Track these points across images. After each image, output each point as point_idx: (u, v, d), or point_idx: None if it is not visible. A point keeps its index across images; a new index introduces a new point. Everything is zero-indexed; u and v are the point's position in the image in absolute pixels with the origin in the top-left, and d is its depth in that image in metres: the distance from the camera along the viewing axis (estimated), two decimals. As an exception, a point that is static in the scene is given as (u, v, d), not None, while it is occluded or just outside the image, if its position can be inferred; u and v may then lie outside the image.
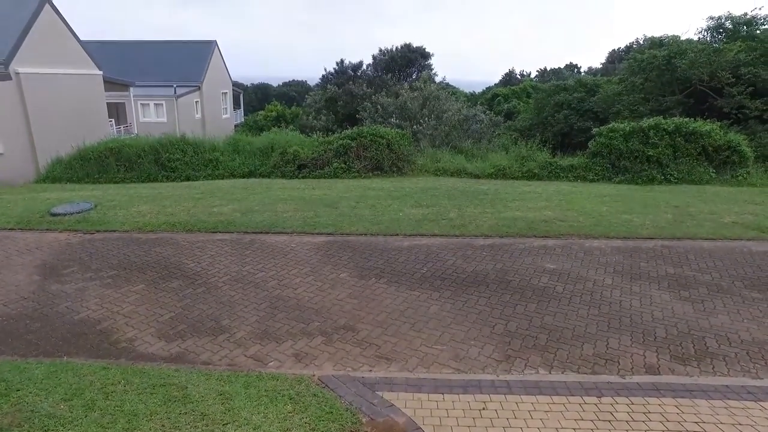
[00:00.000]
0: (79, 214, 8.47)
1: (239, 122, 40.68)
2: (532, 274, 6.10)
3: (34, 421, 3.29)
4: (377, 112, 23.44)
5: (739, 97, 17.65)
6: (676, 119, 12.90)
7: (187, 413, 3.41)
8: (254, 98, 61.98)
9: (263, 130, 26.74)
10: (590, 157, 12.96)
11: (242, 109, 44.79)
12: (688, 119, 12.92)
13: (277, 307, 5.23)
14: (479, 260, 6.52)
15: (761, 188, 11.32)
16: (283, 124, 34.07)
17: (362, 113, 24.69)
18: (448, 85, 37.57)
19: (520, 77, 61.89)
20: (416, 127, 18.92)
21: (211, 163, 14.19)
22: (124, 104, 25.63)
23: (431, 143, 16.93)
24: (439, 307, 5.23)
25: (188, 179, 13.60)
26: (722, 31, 21.65)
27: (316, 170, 13.29)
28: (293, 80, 73.04)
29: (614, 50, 55.00)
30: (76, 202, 9.30)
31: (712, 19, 21.77)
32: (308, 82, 64.13)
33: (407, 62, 37.01)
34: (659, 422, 3.46)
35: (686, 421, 3.48)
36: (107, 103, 20.81)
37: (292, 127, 28.19)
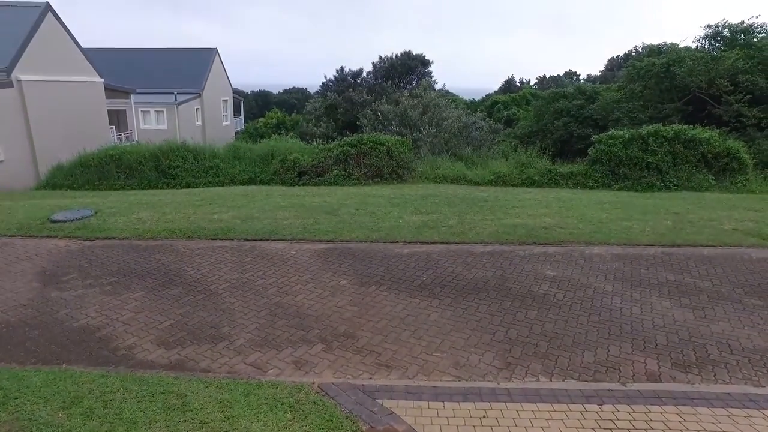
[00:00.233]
0: (79, 221, 8.47)
1: (240, 129, 40.82)
2: (532, 281, 6.09)
3: (31, 429, 3.28)
4: (377, 119, 23.50)
5: (737, 105, 17.72)
6: (675, 126, 12.94)
7: (186, 421, 3.39)
8: (254, 105, 62.21)
9: (263, 137, 26.82)
10: (590, 164, 12.99)
11: (242, 116, 44.97)
12: (687, 126, 12.96)
13: (276, 314, 5.22)
14: (479, 267, 6.51)
15: (761, 195, 11.34)
16: (283, 131, 34.19)
17: (362, 120, 24.76)
18: (447, 92, 37.71)
19: (519, 84, 62.17)
20: (416, 134, 18.97)
21: (211, 170, 14.23)
22: (124, 111, 25.73)
23: (431, 150, 16.98)
24: (439, 314, 5.22)
25: (188, 186, 13.64)
26: (720, 39, 21.76)
27: (316, 177, 13.33)
28: (293, 87, 73.32)
29: (613, 58, 55.37)
30: (76, 209, 9.30)
31: (709, 27, 21.88)
32: (308, 89, 64.41)
33: (407, 70, 37.22)
34: (661, 430, 3.44)
35: (688, 429, 3.46)
36: (108, 110, 20.91)
37: (292, 134, 28.28)
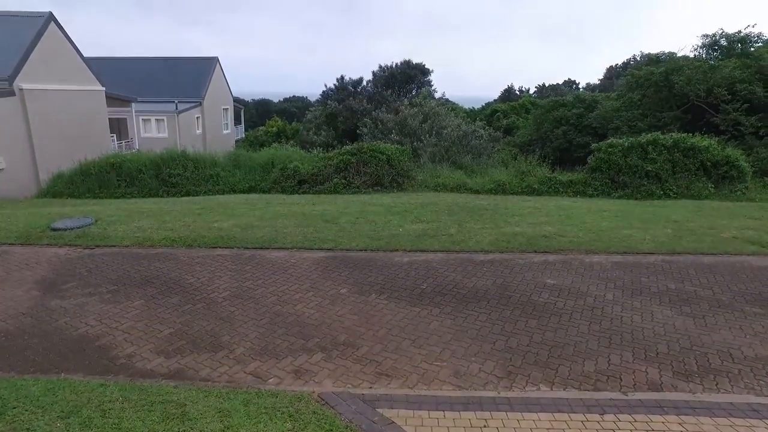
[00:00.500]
0: (79, 229, 8.47)
1: (240, 138, 40.94)
2: (532, 289, 6.08)
3: (30, 439, 3.26)
4: (377, 128, 23.60)
5: (734, 113, 17.80)
6: (674, 135, 12.98)
7: (185, 431, 3.37)
8: (255, 114, 62.44)
9: (264, 145, 26.93)
10: (589, 172, 13.03)
11: (243, 124, 45.12)
12: (686, 135, 13.00)
13: (276, 323, 5.20)
14: (479, 276, 6.50)
15: (760, 203, 11.35)
16: (283, 139, 34.31)
17: (362, 129, 24.86)
18: (447, 101, 37.88)
19: (519, 93, 62.49)
20: (416, 143, 19.05)
21: (211, 178, 14.26)
22: (125, 120, 25.84)
23: (431, 159, 17.05)
24: (439, 323, 5.21)
25: (189, 194, 13.65)
26: (717, 48, 21.89)
27: (316, 186, 13.35)
28: (294, 96, 73.66)
29: (612, 66, 55.77)
30: (76, 217, 9.31)
31: (706, 36, 22.02)
32: (309, 98, 64.69)
33: (407, 78, 37.44)
34: (663, 440, 3.42)
35: (690, 439, 3.44)
36: (109, 118, 21.01)
37: (292, 142, 28.37)
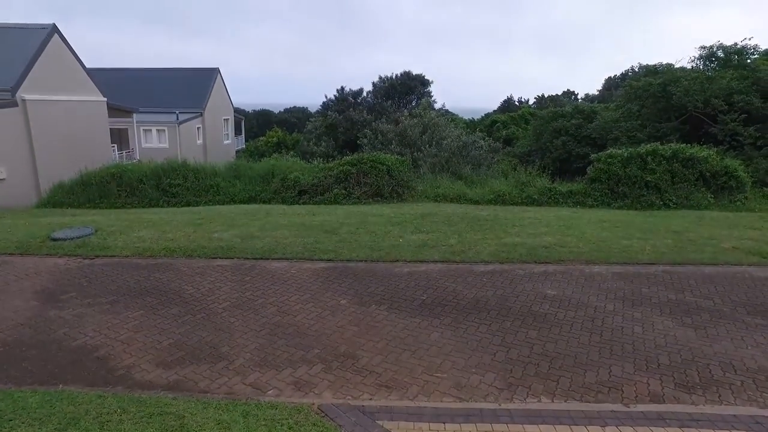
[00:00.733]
0: (79, 239, 8.47)
1: (240, 148, 41.11)
2: (533, 300, 6.07)
3: (27, 451, 3.23)
4: (377, 138, 23.71)
5: (732, 124, 17.90)
6: (673, 145, 13.03)
7: (183, 444, 3.34)
8: (255, 124, 62.70)
9: (264, 155, 27.02)
10: (589, 182, 13.05)
11: (243, 135, 45.31)
12: (685, 145, 13.05)
13: (276, 334, 5.18)
14: (480, 286, 6.49)
15: (760, 213, 11.36)
16: (283, 150, 34.45)
17: (362, 140, 24.97)
18: (447, 111, 38.13)
19: (518, 104, 62.85)
20: (416, 153, 19.12)
21: (212, 188, 14.28)
22: (126, 130, 25.96)
23: (431, 169, 17.09)
24: (439, 334, 5.19)
25: (189, 204, 13.66)
26: (714, 59, 22.08)
27: (316, 196, 13.37)
28: (294, 107, 73.99)
29: (610, 77, 56.13)
30: (76, 227, 9.30)
31: (704, 48, 22.23)
32: (309, 108, 65.00)
33: (407, 89, 37.72)
34: (665, 453, 3.39)
35: (693, 451, 3.41)
36: (110, 128, 21.10)
37: (292, 153, 28.47)
